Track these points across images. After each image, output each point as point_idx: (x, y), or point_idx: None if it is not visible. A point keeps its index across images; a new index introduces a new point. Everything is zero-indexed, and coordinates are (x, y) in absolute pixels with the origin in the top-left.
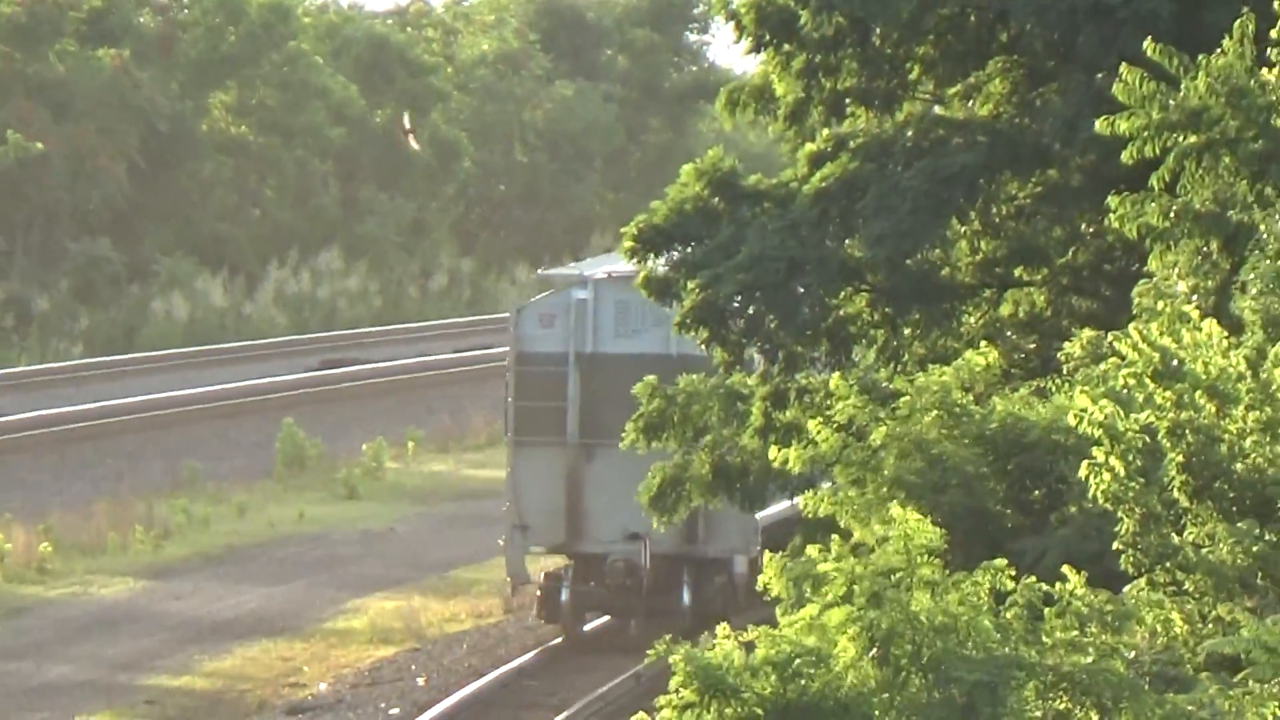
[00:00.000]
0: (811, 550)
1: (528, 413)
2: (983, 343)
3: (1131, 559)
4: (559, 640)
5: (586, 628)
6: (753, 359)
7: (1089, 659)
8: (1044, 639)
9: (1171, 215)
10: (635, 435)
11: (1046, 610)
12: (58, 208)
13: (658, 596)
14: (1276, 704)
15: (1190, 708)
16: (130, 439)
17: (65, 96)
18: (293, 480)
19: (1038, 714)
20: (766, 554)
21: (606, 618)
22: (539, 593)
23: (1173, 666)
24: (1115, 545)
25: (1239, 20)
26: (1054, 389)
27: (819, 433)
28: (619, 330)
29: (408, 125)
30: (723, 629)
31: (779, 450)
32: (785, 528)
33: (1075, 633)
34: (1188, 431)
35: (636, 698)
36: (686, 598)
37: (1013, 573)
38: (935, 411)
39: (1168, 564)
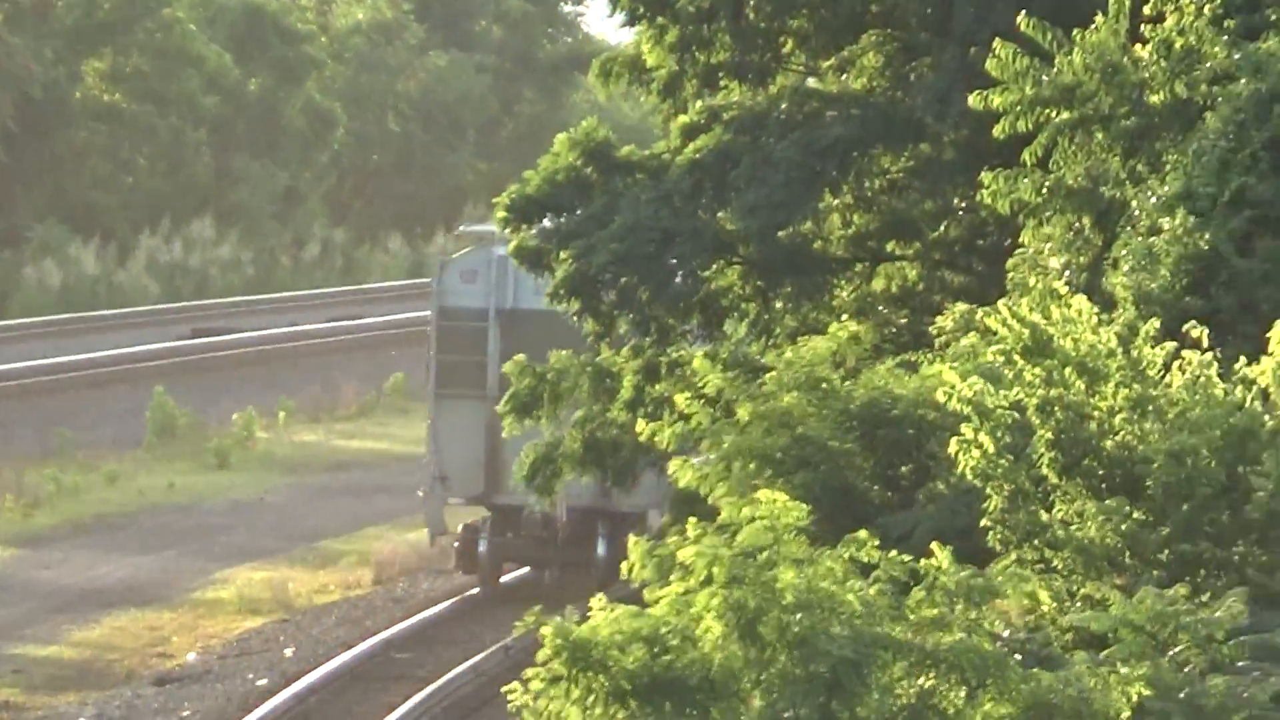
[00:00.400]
0: (672, 541)
1: (449, 367)
2: (844, 316)
3: (999, 535)
4: (428, 613)
5: (504, 579)
6: (621, 336)
7: (954, 636)
8: (909, 615)
9: (1044, 191)
10: (508, 416)
11: (913, 587)
12: None
13: (573, 548)
14: (1143, 684)
15: (1057, 685)
16: (1, 406)
17: None
18: (163, 449)
19: (904, 691)
20: (632, 538)
21: (524, 569)
22: (456, 544)
23: (1043, 646)
24: (984, 522)
25: None
26: (924, 362)
27: (689, 407)
28: (539, 287)
29: None
30: (598, 600)
31: (647, 425)
32: None
33: (941, 609)
34: (1057, 408)
35: (506, 669)
36: (602, 550)
37: (877, 543)
38: (797, 391)
39: (1036, 541)
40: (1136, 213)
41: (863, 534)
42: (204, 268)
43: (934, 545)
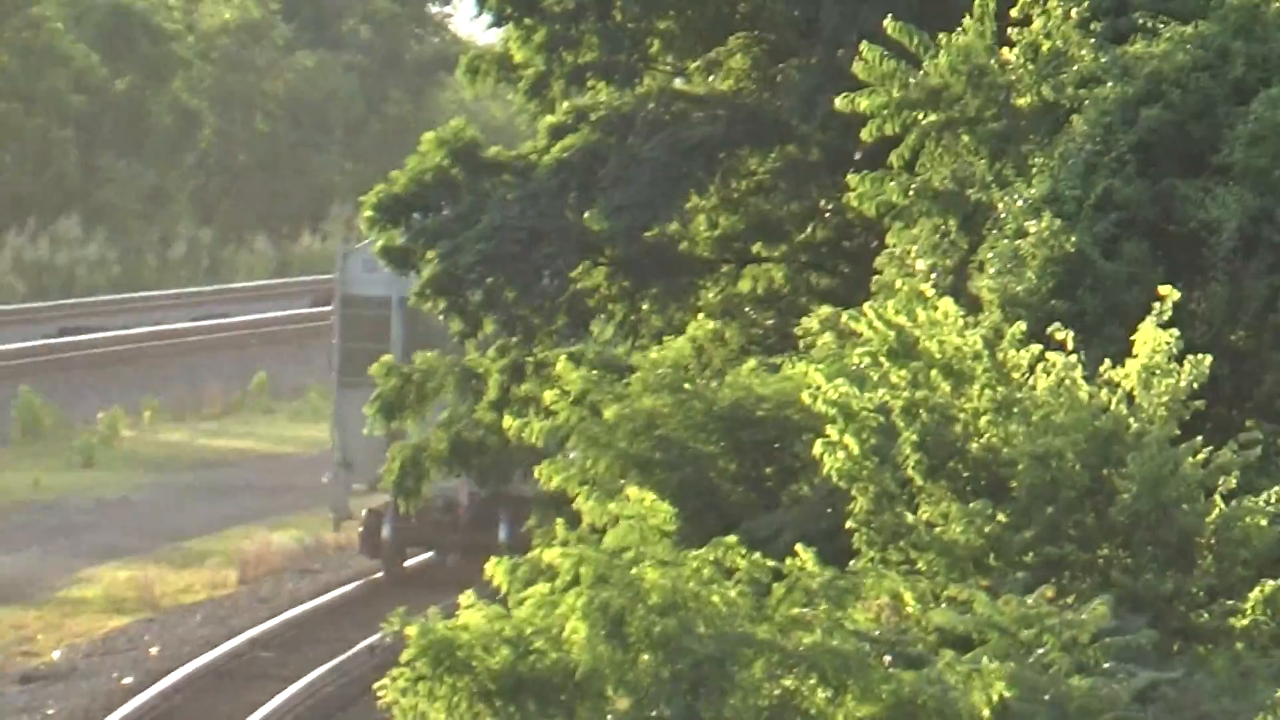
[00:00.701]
0: (530, 557)
1: (352, 354)
2: (710, 317)
3: (865, 537)
4: (293, 612)
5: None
6: (488, 336)
7: (815, 636)
8: (772, 616)
9: (911, 193)
10: (374, 415)
11: (774, 586)
12: None
13: (476, 533)
14: (1005, 683)
15: (920, 684)
16: None
17: None
18: (28, 447)
19: (767, 691)
20: (492, 559)
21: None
22: (361, 529)
23: (910, 646)
24: (849, 524)
25: None
26: (788, 364)
27: (556, 404)
28: None
29: None
30: (467, 597)
31: (514, 421)
32: None
33: (802, 609)
34: (922, 410)
35: (371, 669)
36: (504, 534)
37: (744, 551)
38: (660, 392)
39: (900, 543)
40: (1003, 215)
41: (730, 539)
42: (71, 266)
43: (798, 546)
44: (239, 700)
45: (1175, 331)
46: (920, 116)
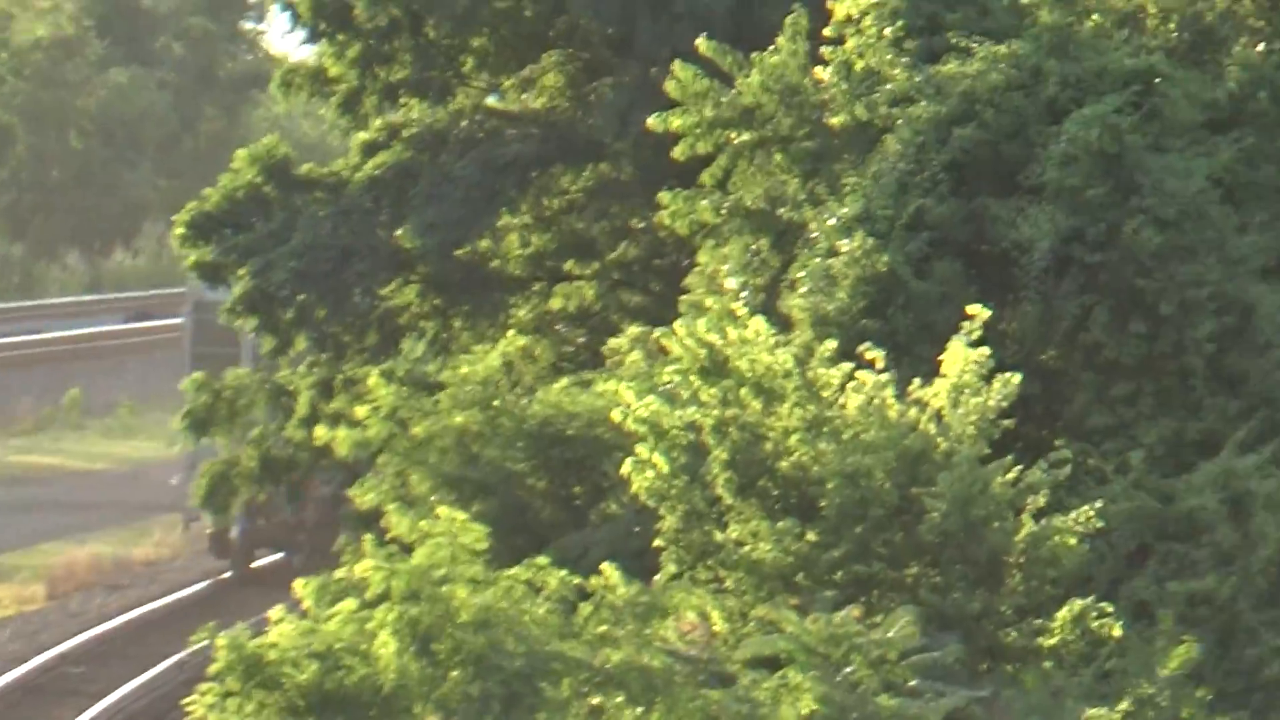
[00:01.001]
0: (340, 574)
1: (204, 358)
2: (511, 334)
3: (674, 555)
4: (103, 628)
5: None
6: (300, 353)
7: (623, 653)
8: (580, 633)
9: (723, 212)
10: (184, 431)
11: (581, 604)
12: None
13: (323, 534)
14: (812, 698)
15: (728, 702)
16: None
17: None
18: None
19: (576, 710)
20: (300, 580)
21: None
22: (209, 530)
23: (721, 664)
24: (658, 542)
25: (791, 16)
26: (599, 382)
27: (367, 418)
28: None
29: None
30: (277, 611)
31: (327, 430)
32: None
33: (610, 627)
34: (733, 428)
35: (181, 685)
36: None
37: (551, 566)
38: (474, 409)
39: (710, 561)
40: (815, 234)
41: (542, 559)
42: None
43: (604, 564)
44: (47, 716)
45: (986, 350)
46: (733, 135)
